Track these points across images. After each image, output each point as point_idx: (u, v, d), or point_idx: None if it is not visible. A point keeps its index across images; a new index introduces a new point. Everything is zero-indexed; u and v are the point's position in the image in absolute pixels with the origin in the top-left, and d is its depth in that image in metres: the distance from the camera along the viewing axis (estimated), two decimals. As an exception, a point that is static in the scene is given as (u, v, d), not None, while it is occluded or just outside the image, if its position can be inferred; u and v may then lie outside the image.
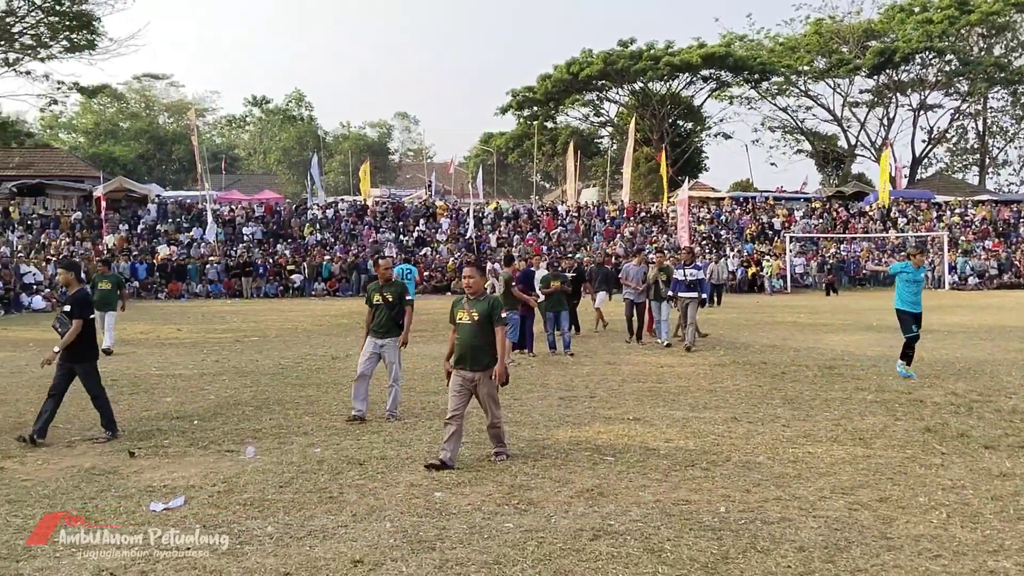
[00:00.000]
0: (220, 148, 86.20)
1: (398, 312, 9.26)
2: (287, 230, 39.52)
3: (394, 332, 9.25)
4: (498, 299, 7.49)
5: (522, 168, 79.98)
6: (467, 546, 5.28)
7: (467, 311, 7.34)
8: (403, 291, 9.39)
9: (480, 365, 7.26)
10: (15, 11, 37.33)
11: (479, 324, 7.26)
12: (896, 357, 12.64)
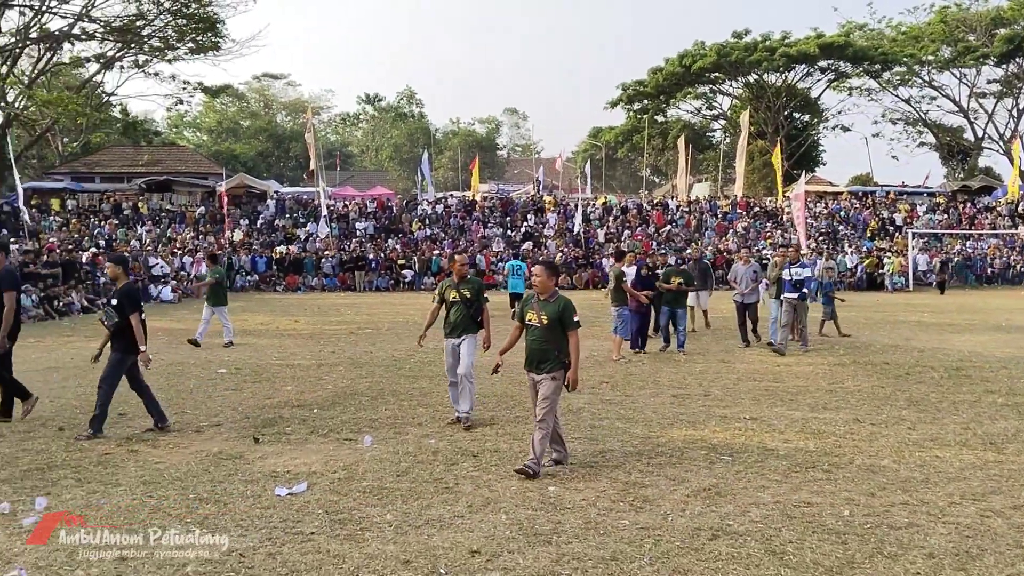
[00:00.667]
0: (334, 145, 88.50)
1: (475, 310, 8.78)
2: (398, 225, 40.26)
3: (471, 329, 8.75)
4: (569, 303, 7.03)
5: (631, 163, 79.31)
6: (583, 541, 5.27)
7: (536, 312, 7.04)
8: (480, 288, 8.99)
9: (544, 370, 6.96)
10: (145, 15, 39.15)
11: (547, 328, 6.95)
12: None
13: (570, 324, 6.92)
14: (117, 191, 41.75)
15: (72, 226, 35.15)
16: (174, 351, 15.11)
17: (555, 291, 7.13)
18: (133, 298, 8.58)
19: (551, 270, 7.46)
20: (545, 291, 7.15)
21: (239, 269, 34.24)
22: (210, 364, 13.29)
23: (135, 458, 7.36)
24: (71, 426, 8.69)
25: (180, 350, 15.18)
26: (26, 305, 21.41)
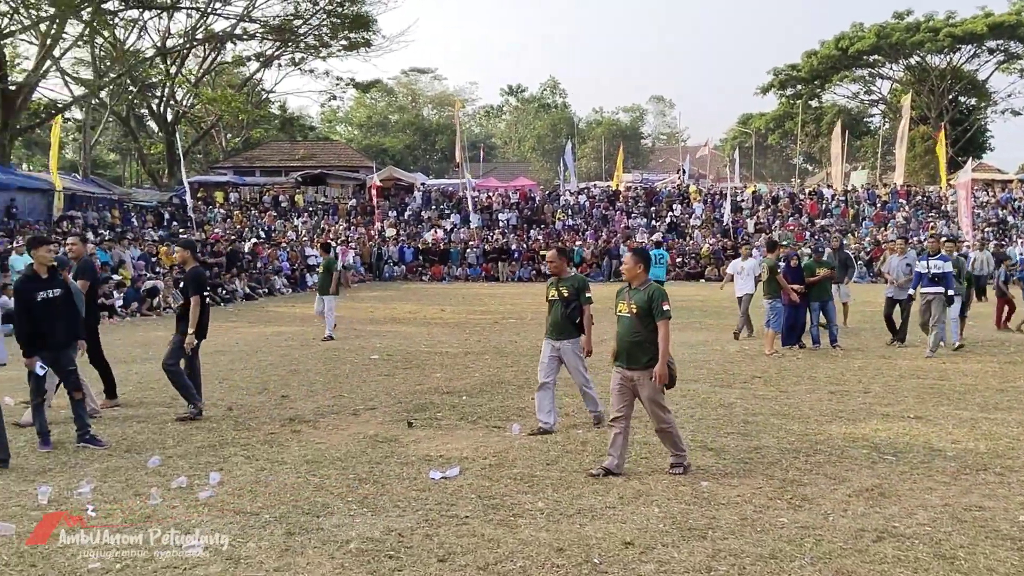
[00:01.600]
0: (478, 137, 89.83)
1: (574, 310, 8.00)
2: (540, 216, 40.48)
3: (570, 333, 8.04)
4: (659, 290, 6.47)
5: (782, 150, 76.82)
6: (739, 537, 5.14)
7: (627, 302, 6.54)
8: (581, 286, 8.13)
9: (638, 363, 6.44)
10: (302, 14, 40.89)
11: (638, 318, 6.43)
12: None
13: (660, 313, 6.34)
14: (275, 184, 43.85)
15: (235, 218, 37.13)
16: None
17: (647, 279, 6.60)
18: (197, 282, 8.78)
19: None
20: (632, 278, 6.85)
21: (387, 259, 35.30)
22: (363, 351, 13.75)
23: (298, 438, 7.70)
24: (238, 406, 9.18)
25: (336, 335, 15.74)
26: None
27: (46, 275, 7.39)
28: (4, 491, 6.03)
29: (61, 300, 7.40)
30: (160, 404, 9.33)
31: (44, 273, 7.39)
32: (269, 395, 9.91)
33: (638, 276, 6.70)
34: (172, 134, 43.59)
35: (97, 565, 4.72)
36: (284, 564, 4.71)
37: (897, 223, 37.48)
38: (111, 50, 38.93)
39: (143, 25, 39.84)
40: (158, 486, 6.09)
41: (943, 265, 12.98)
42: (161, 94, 44.13)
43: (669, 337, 6.36)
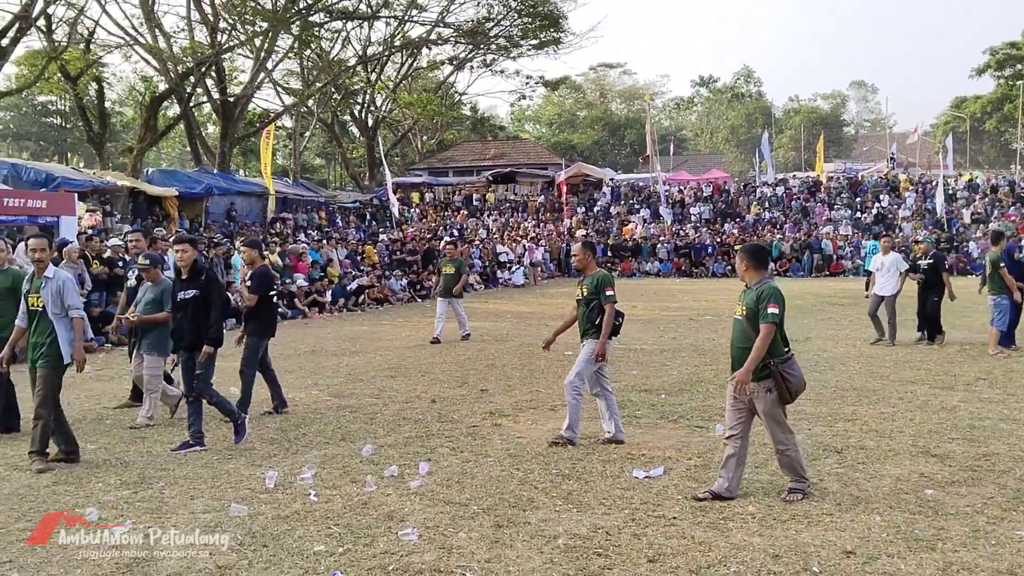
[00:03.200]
0: (668, 130, 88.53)
1: (593, 309, 7.38)
2: (735, 209, 39.34)
3: (590, 333, 7.42)
4: (768, 289, 5.74)
5: (1001, 135, 70.91)
6: (972, 550, 4.76)
7: (740, 304, 5.95)
8: (602, 284, 7.37)
9: (754, 377, 5.72)
10: (493, 16, 41.72)
11: (748, 321, 5.81)
12: None
13: (764, 316, 5.68)
14: (467, 183, 45.06)
15: (430, 217, 38.46)
16: (523, 332, 15.90)
17: (764, 277, 5.90)
18: (262, 281, 8.69)
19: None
20: (586, 268, 6.93)
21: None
22: (556, 347, 13.73)
23: (499, 432, 7.84)
24: (441, 399, 9.46)
25: (529, 331, 15.95)
26: (395, 288, 23.81)
27: (185, 275, 7.48)
28: (235, 474, 6.49)
29: (192, 302, 7.35)
30: (369, 395, 9.77)
31: (184, 273, 7.50)
32: (469, 388, 10.17)
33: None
34: (372, 138, 45.74)
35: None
36: (495, 556, 4.79)
37: None
38: (317, 60, 41.28)
39: (346, 36, 42.02)
40: (372, 474, 6.36)
41: None
42: (362, 100, 46.33)
43: (767, 344, 5.62)
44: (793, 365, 5.76)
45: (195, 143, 33.48)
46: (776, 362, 5.68)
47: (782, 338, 5.78)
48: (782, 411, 5.81)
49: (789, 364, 5.74)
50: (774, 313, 5.66)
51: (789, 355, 5.79)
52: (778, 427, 5.80)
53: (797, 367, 5.80)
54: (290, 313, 18.92)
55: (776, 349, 5.71)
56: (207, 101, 36.30)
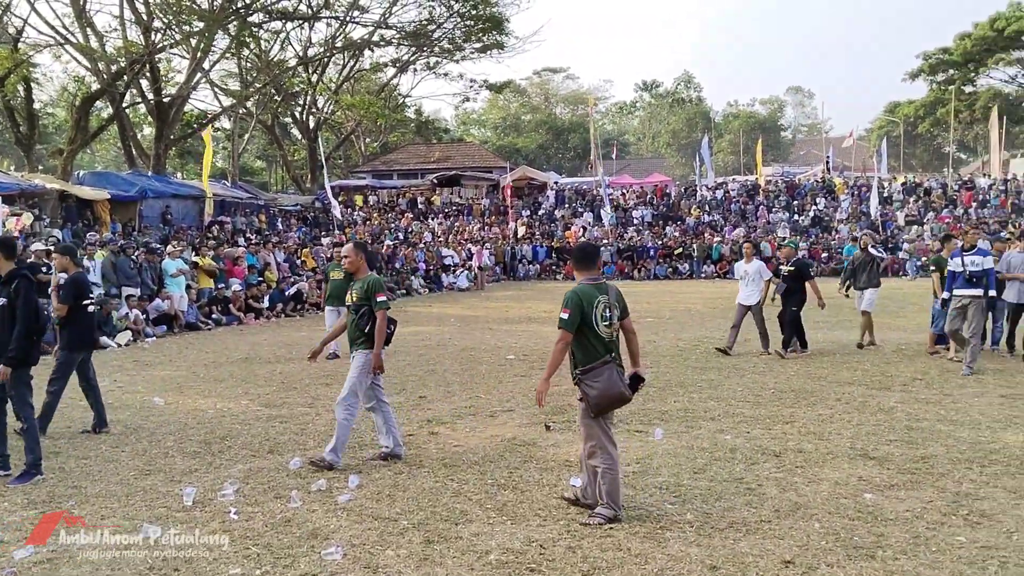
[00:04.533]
0: (611, 135, 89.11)
1: (362, 316, 6.80)
2: (676, 212, 39.63)
3: (361, 343, 6.82)
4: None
5: (933, 139, 72.70)
6: (912, 558, 4.67)
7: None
8: (374, 288, 6.77)
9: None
10: (436, 19, 41.45)
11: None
12: None
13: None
14: (412, 186, 44.68)
15: (373, 220, 38.00)
16: (466, 337, 15.70)
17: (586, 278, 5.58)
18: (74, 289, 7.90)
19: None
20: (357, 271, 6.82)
21: (521, 258, 35.32)
22: (499, 351, 13.65)
23: (436, 441, 7.61)
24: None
25: (472, 335, 15.75)
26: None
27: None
28: (152, 491, 6.15)
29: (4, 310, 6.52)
30: (302, 405, 9.45)
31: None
32: (407, 395, 9.91)
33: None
34: (314, 140, 45.02)
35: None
36: (423, 574, 4.56)
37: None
38: (256, 61, 40.55)
39: (286, 36, 41.35)
40: (299, 489, 6.08)
41: (982, 262, 10.79)
42: (303, 102, 45.68)
43: (558, 349, 5.39)
44: (599, 376, 5.29)
45: (128, 145, 32.60)
46: (577, 373, 5.37)
47: (592, 345, 5.37)
48: (598, 424, 5.38)
49: (593, 375, 5.30)
50: (562, 318, 5.37)
51: (595, 365, 5.32)
52: (587, 440, 5.46)
53: (606, 379, 5.28)
54: (224, 319, 18.41)
55: (580, 357, 5.39)
56: (142, 102, 35.40)
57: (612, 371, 5.32)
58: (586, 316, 5.34)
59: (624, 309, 5.61)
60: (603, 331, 5.37)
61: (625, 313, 5.63)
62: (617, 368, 5.38)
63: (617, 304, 5.52)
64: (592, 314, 5.35)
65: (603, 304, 5.41)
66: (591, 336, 5.36)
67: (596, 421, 5.37)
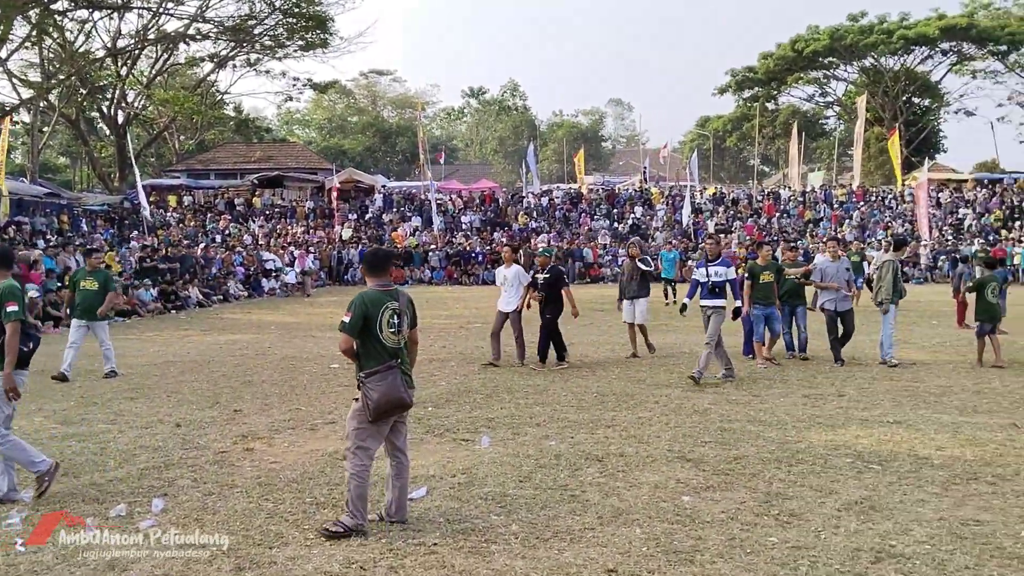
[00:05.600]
0: (439, 139, 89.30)
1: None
2: (503, 218, 40.11)
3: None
4: (357, 296, 5.44)
5: (740, 152, 77.32)
6: (729, 560, 4.78)
7: None
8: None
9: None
10: (257, 14, 40.12)
11: None
12: None
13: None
14: (231, 187, 42.94)
15: (188, 222, 36.23)
16: (287, 345, 15.17)
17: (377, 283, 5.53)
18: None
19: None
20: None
21: (347, 263, 34.64)
22: (322, 359, 13.24)
23: (251, 457, 7.20)
24: (187, 422, 8.62)
25: (293, 343, 15.22)
26: (144, 299, 22.03)
27: None
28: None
29: None
30: (103, 421, 8.75)
31: None
32: (221, 409, 9.37)
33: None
34: (123, 137, 42.50)
35: None
36: (234, 603, 4.26)
37: (854, 223, 37.70)
38: (60, 51, 37.82)
39: (93, 26, 38.79)
40: (95, 515, 5.58)
41: (725, 272, 10.96)
42: (112, 96, 43.01)
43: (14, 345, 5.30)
44: (382, 380, 5.23)
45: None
46: (361, 376, 5.32)
47: (376, 350, 5.31)
48: (365, 430, 5.29)
49: (376, 379, 5.23)
50: (343, 322, 5.31)
51: (379, 369, 5.26)
52: (348, 439, 5.41)
53: (389, 384, 5.23)
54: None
55: (364, 361, 5.34)
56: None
57: (396, 376, 5.31)
58: (370, 321, 5.31)
59: (414, 318, 5.62)
60: (388, 337, 5.36)
61: (414, 323, 5.63)
62: (402, 374, 5.38)
63: (407, 312, 5.52)
64: (377, 320, 5.32)
65: (391, 310, 5.38)
66: (375, 341, 5.33)
67: (367, 427, 5.30)
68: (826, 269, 12.59)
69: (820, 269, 12.73)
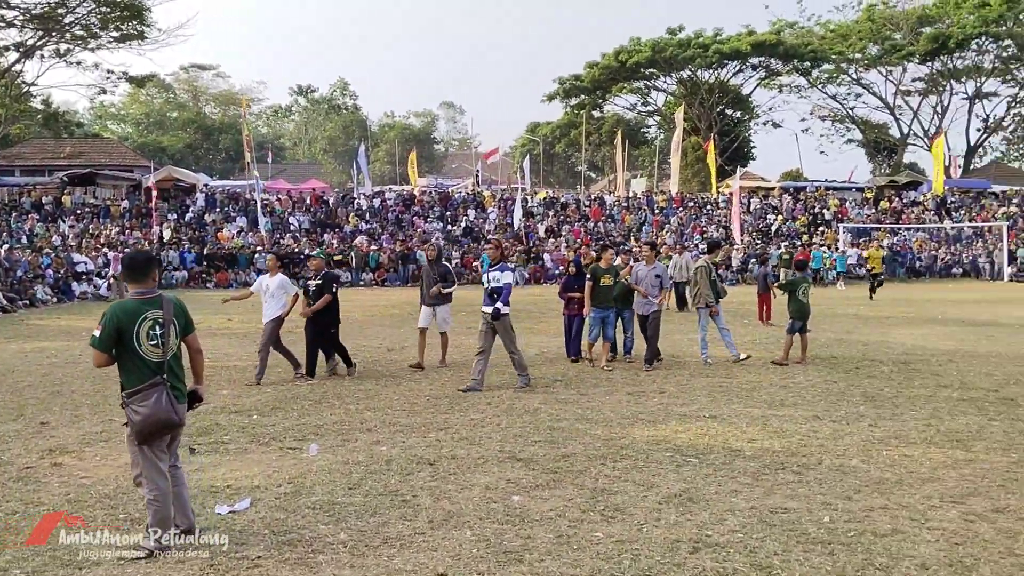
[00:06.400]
0: (265, 138, 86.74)
1: None
2: (334, 219, 39.42)
3: None
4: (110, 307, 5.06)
5: (568, 157, 79.41)
6: (557, 558, 4.89)
7: None
8: None
9: None
10: (67, 2, 37.62)
11: None
12: (973, 352, 12.15)
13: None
14: (38, 185, 40.05)
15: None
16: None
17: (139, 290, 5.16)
18: None
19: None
20: None
21: (167, 265, 33.03)
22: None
23: (59, 472, 6.74)
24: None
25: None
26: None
27: None
28: None
29: None
30: None
31: None
32: (26, 422, 8.72)
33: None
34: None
35: None
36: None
37: (672, 228, 39.53)
38: None
39: None
40: None
41: (501, 276, 10.51)
42: None
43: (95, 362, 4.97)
44: (145, 400, 4.86)
45: None
46: (123, 396, 4.94)
47: (136, 366, 4.92)
48: (143, 453, 4.95)
49: (138, 398, 4.87)
50: (93, 336, 4.92)
51: (141, 388, 4.89)
52: (133, 466, 5.07)
53: (153, 404, 4.86)
54: None
55: (125, 379, 4.95)
56: None
57: (161, 393, 4.90)
58: (125, 334, 4.87)
59: (188, 324, 5.24)
60: (148, 351, 4.92)
61: (189, 329, 5.26)
62: (169, 391, 4.94)
63: (176, 320, 5.10)
64: (134, 332, 4.89)
65: (151, 321, 4.95)
66: (134, 357, 4.91)
67: (142, 449, 4.93)
68: (638, 273, 12.62)
69: (635, 272, 12.75)
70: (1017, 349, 13.89)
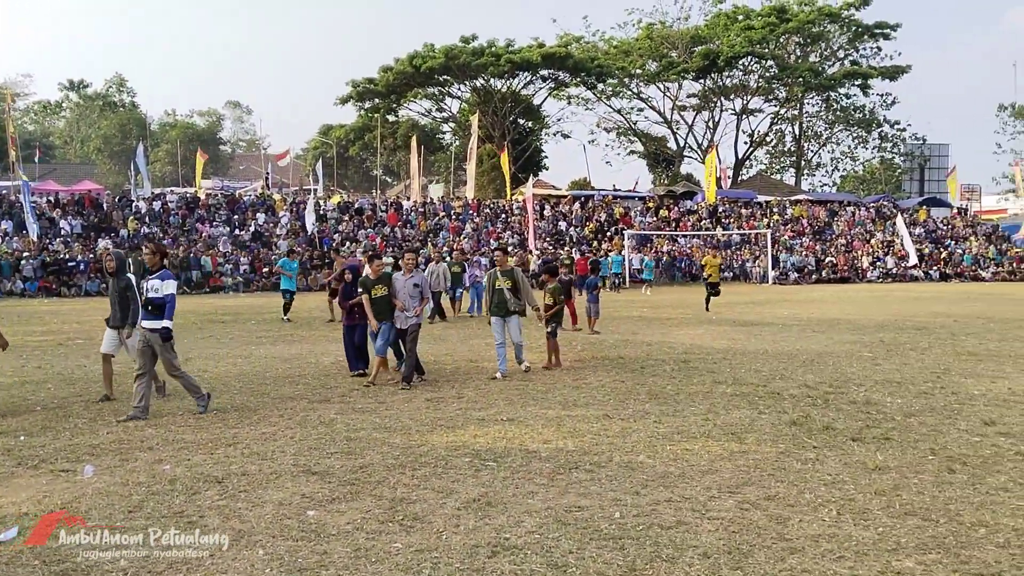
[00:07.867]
0: (33, 136, 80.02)
1: None
2: (110, 223, 36.91)
3: None
4: None
5: (363, 161, 78.62)
6: (354, 572, 4.79)
7: None
8: None
9: None
10: None
11: None
12: (743, 350, 13.02)
13: None
14: None
15: None
16: None
17: None
18: None
19: None
20: None
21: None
22: None
23: None
24: None
25: None
26: None
27: None
28: None
29: None
30: None
31: None
32: None
33: None
34: None
35: None
36: None
37: (469, 233, 40.10)
38: None
39: None
40: None
41: (161, 286, 9.11)
42: None
43: None
44: None
45: None
46: None
47: None
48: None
49: None
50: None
51: None
52: None
53: None
54: None
55: None
56: None
57: None
58: None
59: None
60: None
61: None
62: None
63: None
64: None
65: None
66: None
67: None
68: (396, 284, 11.52)
69: (393, 283, 11.53)
70: (781, 346, 15.12)
